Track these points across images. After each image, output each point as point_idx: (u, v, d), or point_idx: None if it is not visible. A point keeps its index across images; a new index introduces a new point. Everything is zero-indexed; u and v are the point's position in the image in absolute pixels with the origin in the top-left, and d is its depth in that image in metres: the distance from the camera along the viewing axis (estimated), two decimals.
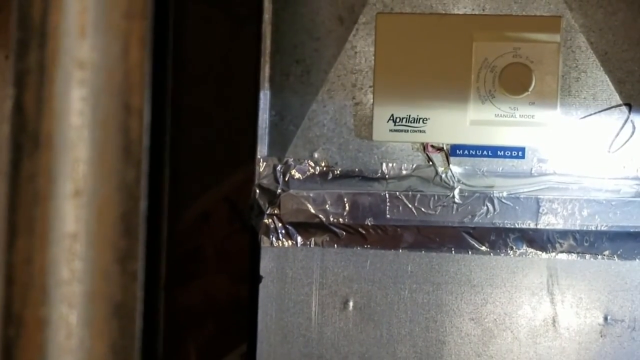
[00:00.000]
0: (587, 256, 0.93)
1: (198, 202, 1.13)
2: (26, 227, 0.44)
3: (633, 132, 0.93)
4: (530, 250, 0.93)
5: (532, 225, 0.93)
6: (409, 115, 0.94)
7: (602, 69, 0.93)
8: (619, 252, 0.92)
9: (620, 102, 0.93)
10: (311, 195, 0.95)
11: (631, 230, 0.92)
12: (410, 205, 0.94)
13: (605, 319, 0.93)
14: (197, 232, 1.13)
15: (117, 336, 0.45)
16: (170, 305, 1.09)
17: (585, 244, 0.93)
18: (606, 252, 0.93)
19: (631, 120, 0.93)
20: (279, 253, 0.96)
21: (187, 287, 1.11)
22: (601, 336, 0.93)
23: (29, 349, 0.44)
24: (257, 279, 0.96)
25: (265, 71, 0.96)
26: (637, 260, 0.92)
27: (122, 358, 0.44)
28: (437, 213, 0.94)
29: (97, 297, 0.44)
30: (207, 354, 1.12)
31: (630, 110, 0.93)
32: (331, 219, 0.95)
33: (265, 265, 0.96)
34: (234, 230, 1.13)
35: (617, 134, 0.93)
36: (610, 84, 0.93)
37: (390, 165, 0.95)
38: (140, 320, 0.46)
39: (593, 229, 0.92)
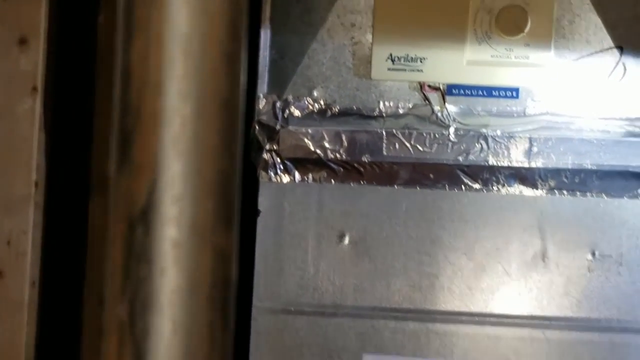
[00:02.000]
0: (577, 194, 0.96)
1: None
2: (143, 26, 0.47)
3: (624, 74, 0.95)
4: (522, 187, 0.96)
5: (524, 164, 0.96)
6: (407, 55, 0.96)
7: (595, 12, 0.95)
8: (607, 190, 0.95)
9: (612, 44, 0.95)
10: (310, 131, 0.97)
11: (620, 169, 0.95)
12: (406, 143, 0.96)
13: (593, 254, 0.96)
14: None
15: (225, 128, 0.48)
16: None
17: (576, 182, 0.96)
18: (596, 190, 0.95)
19: (622, 63, 0.95)
20: (277, 188, 0.98)
21: None
22: (589, 271, 0.96)
23: (145, 137, 0.46)
24: (255, 213, 0.98)
25: (266, 10, 0.98)
26: (625, 198, 0.95)
27: (230, 149, 0.47)
28: (432, 151, 0.96)
29: (208, 92, 0.47)
30: None
31: (621, 53, 0.95)
32: (329, 155, 0.97)
33: (264, 200, 0.98)
34: None
35: (609, 76, 0.96)
36: (603, 27, 0.95)
37: (387, 103, 0.97)
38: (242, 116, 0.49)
39: (583, 167, 0.95)
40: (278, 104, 0.98)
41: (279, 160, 0.98)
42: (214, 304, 0.51)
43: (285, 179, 0.98)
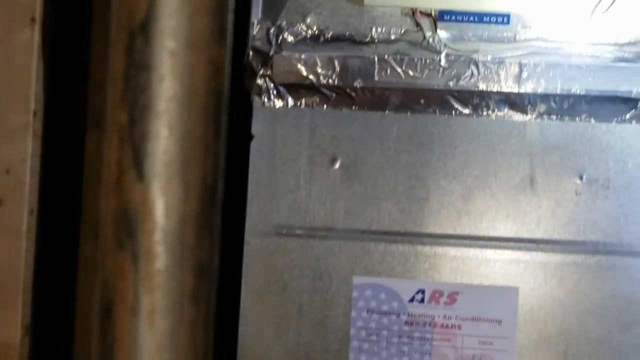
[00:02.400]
0: (566, 118, 0.97)
1: None
2: None
3: (613, 1, 0.96)
4: (511, 112, 0.97)
5: (514, 89, 0.97)
6: None
7: None
8: (596, 115, 0.96)
9: None
10: (303, 57, 0.98)
11: (608, 94, 0.96)
12: (397, 69, 0.98)
13: (581, 178, 0.97)
14: None
15: None
16: None
17: (565, 107, 0.97)
18: (584, 115, 0.97)
19: None
20: (270, 113, 1.00)
21: None
22: (576, 194, 0.97)
23: None
24: (249, 137, 1.00)
25: None
26: (613, 122, 0.97)
27: None
28: (423, 76, 0.98)
29: None
30: None
31: None
32: (321, 81, 0.98)
33: (257, 124, 1.00)
34: None
35: (599, 2, 0.96)
36: None
37: (379, 29, 0.98)
38: None
39: (573, 92, 0.96)
40: (272, 30, 0.99)
41: (272, 85, 0.99)
42: (207, 112, 0.54)
43: (279, 104, 0.99)
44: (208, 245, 0.57)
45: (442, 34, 0.98)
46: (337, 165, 0.99)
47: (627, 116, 0.96)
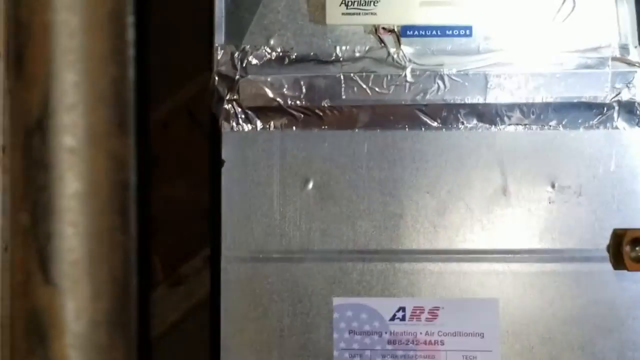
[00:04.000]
0: (535, 127, 0.97)
1: (156, 111, 1.15)
2: None
3: (574, 7, 0.97)
4: (480, 124, 0.98)
5: (481, 100, 0.97)
6: None
7: None
8: (564, 122, 0.97)
9: None
10: (268, 79, 0.98)
11: (575, 100, 0.96)
12: (364, 86, 0.97)
13: (553, 186, 0.97)
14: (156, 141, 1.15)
15: (113, 37, 0.50)
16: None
17: (532, 116, 0.97)
18: (552, 123, 0.97)
19: None
20: (240, 137, 0.99)
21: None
22: (549, 202, 0.97)
23: (37, 50, 0.48)
24: (220, 164, 0.99)
25: None
26: (581, 129, 0.97)
27: (120, 57, 0.49)
28: (390, 92, 0.97)
29: (94, 3, 0.49)
30: (171, 261, 1.15)
31: None
32: (289, 102, 0.98)
33: (227, 149, 0.99)
34: (194, 138, 1.16)
35: (559, 10, 0.97)
36: None
37: (343, 48, 0.98)
38: None
39: (539, 101, 0.97)
40: (236, 54, 0.98)
41: (239, 109, 0.98)
42: (112, 207, 0.53)
43: (247, 127, 0.99)
44: (122, 343, 0.55)
45: (406, 49, 0.98)
46: (310, 186, 0.99)
47: (595, 122, 0.97)
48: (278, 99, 0.98)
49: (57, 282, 0.51)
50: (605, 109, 0.97)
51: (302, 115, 0.98)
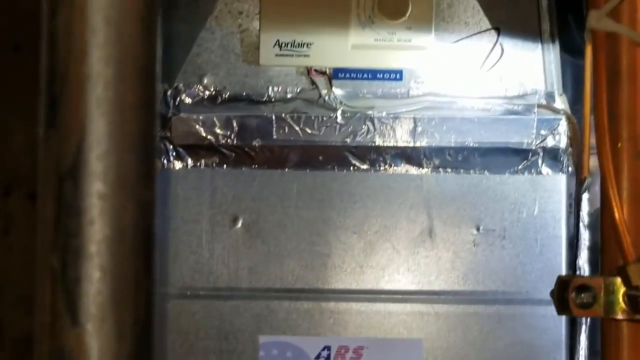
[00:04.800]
0: (461, 171, 0.99)
1: None
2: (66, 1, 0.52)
3: (502, 54, 0.99)
4: (408, 166, 0.99)
5: (410, 143, 0.99)
6: (294, 40, 0.98)
7: None
8: (489, 167, 0.99)
9: (490, 26, 0.99)
10: (201, 118, 0.99)
11: (500, 146, 0.98)
12: (295, 126, 0.99)
13: (478, 229, 0.99)
14: None
15: (143, 89, 0.53)
16: None
17: (459, 160, 0.99)
18: (478, 167, 0.99)
19: (500, 43, 0.99)
20: (171, 175, 1.00)
21: None
22: (474, 245, 0.99)
23: (72, 100, 0.52)
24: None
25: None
26: (506, 174, 0.99)
27: (149, 108, 0.52)
28: (320, 133, 0.99)
29: (128, 57, 0.52)
30: None
31: (499, 34, 0.99)
32: (220, 141, 0.99)
33: (158, 187, 1.00)
34: None
35: (487, 57, 0.99)
36: (480, 9, 0.99)
37: (276, 88, 1.00)
38: None
39: (466, 145, 0.98)
40: (169, 92, 0.99)
41: (171, 147, 0.99)
42: (137, 252, 0.55)
43: (178, 165, 1.00)
44: None
45: (338, 91, 0.99)
46: (239, 225, 0.99)
47: (519, 167, 0.99)
48: (210, 138, 0.99)
49: (84, 323, 0.53)
50: (530, 154, 0.99)
51: (233, 154, 0.99)
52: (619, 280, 0.66)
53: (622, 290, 0.66)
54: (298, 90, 1.00)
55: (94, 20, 0.54)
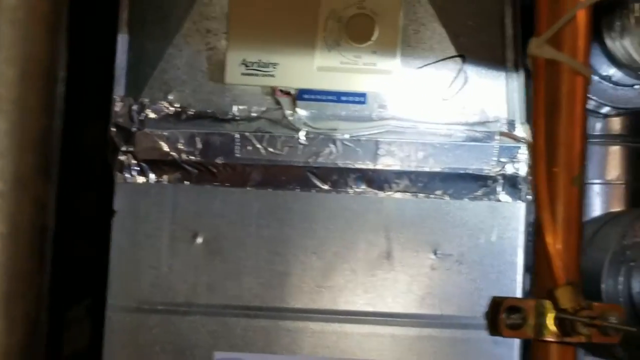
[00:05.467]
0: (421, 195, 1.00)
1: None
2: None
3: (466, 82, 1.00)
4: (368, 189, 1.00)
5: (371, 166, 1.00)
6: (260, 60, 0.99)
7: (439, 22, 1.00)
8: (449, 192, 1.00)
9: (455, 53, 1.00)
10: (165, 134, 1.00)
11: (461, 171, 0.99)
12: (259, 145, 1.00)
13: (435, 253, 1.00)
14: None
15: (45, 90, 0.54)
16: None
17: (420, 184, 1.00)
18: (438, 192, 1.00)
19: (464, 71, 1.00)
20: (133, 189, 1.00)
21: None
22: (432, 269, 1.00)
23: None
24: (111, 213, 1.00)
25: (124, 15, 1.00)
26: (465, 199, 1.00)
27: (49, 109, 0.53)
28: (284, 153, 1.00)
29: (31, 58, 0.53)
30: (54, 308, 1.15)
31: (463, 61, 1.00)
32: (183, 157, 1.00)
33: (119, 200, 1.00)
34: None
35: (452, 83, 1.00)
36: (446, 36, 1.00)
37: (240, 107, 1.00)
38: None
39: (427, 170, 0.99)
40: (134, 107, 1.00)
41: (134, 161, 1.00)
42: (32, 250, 0.56)
43: (141, 179, 1.00)
44: None
45: (302, 112, 1.00)
46: (199, 241, 1.00)
47: (479, 193, 1.00)
48: (173, 153, 0.99)
49: None
50: (490, 181, 1.00)
51: (196, 171, 1.00)
52: (549, 302, 0.67)
53: (551, 312, 0.67)
54: (263, 110, 1.00)
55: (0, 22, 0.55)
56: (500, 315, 0.74)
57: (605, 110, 1.19)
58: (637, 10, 1.03)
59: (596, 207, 1.19)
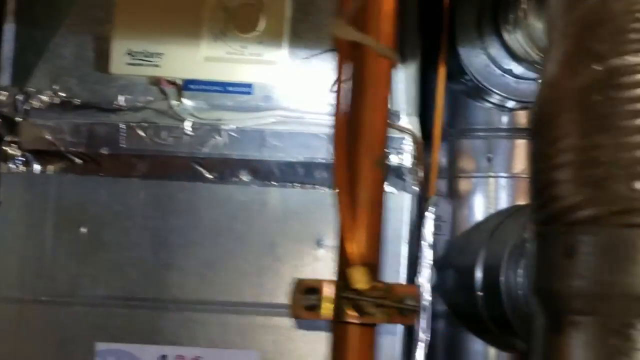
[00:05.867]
0: (307, 186, 1.00)
1: None
2: None
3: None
4: (254, 180, 1.00)
5: (257, 157, 0.99)
6: (145, 50, 0.99)
7: (327, 13, 1.00)
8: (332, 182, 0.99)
9: None
10: (49, 124, 0.99)
11: None
12: (144, 135, 0.99)
13: (319, 244, 0.99)
14: None
15: None
16: None
17: (304, 175, 1.00)
18: (323, 183, 0.99)
19: None
20: (17, 179, 1.00)
21: None
22: (315, 260, 0.99)
23: None
24: None
25: (10, 4, 1.00)
26: None
27: None
28: (169, 143, 0.99)
29: None
30: None
31: None
32: (68, 148, 0.99)
33: (4, 190, 1.00)
34: None
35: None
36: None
37: (126, 97, 1.00)
38: None
39: (313, 160, 0.99)
40: (19, 97, 0.99)
41: (19, 152, 0.99)
42: None
43: (25, 170, 0.99)
44: None
45: (188, 102, 1.00)
46: (83, 232, 0.99)
47: None
48: (57, 144, 0.99)
49: None
50: None
51: (81, 161, 0.99)
52: (342, 283, 0.67)
53: (345, 293, 0.67)
54: (148, 100, 1.00)
55: None
56: (296, 296, 0.74)
57: (510, 104, 1.19)
58: (524, 2, 1.04)
59: (502, 200, 1.19)
